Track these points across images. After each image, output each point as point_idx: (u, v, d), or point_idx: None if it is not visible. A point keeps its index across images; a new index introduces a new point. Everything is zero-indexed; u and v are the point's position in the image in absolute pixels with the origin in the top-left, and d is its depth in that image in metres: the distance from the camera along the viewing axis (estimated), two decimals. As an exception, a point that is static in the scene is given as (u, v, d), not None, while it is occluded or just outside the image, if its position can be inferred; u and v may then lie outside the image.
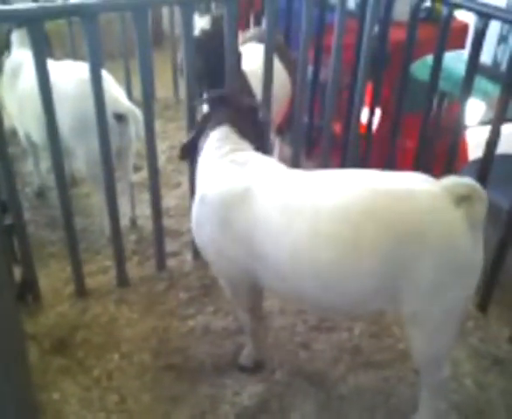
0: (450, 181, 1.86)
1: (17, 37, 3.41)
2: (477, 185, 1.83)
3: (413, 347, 2.03)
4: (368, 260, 1.83)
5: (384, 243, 1.80)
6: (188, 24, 2.61)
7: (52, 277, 3.05)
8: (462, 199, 1.80)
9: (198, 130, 2.32)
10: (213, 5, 4.02)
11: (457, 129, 2.82)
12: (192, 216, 2.25)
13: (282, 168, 2.16)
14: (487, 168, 2.65)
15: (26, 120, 3.30)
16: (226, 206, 2.05)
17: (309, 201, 1.92)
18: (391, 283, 1.86)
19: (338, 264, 1.87)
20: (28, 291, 2.84)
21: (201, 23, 2.93)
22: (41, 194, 3.80)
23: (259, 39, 3.57)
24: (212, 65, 2.84)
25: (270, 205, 1.98)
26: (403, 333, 2.72)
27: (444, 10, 2.75)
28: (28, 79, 3.07)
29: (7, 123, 3.81)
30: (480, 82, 2.86)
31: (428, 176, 1.93)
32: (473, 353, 2.64)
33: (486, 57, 2.90)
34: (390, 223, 1.80)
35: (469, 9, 2.65)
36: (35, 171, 3.80)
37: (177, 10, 4.63)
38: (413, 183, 1.87)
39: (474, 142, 3.60)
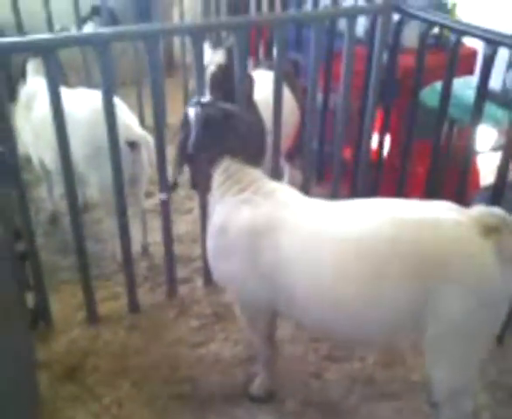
0: (478, 210, 1.84)
1: (33, 66, 3.48)
2: (507, 216, 1.79)
3: (434, 378, 1.99)
4: (393, 292, 1.81)
5: (409, 274, 1.79)
6: (199, 53, 2.65)
7: (64, 303, 3.06)
8: (491, 230, 1.76)
9: (194, 171, 2.25)
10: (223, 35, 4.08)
11: (467, 156, 2.81)
12: (209, 248, 2.23)
13: (305, 198, 2.15)
14: (499, 194, 2.63)
15: (40, 147, 3.34)
16: (252, 236, 2.03)
17: (334, 232, 1.92)
18: (417, 313, 1.83)
19: (363, 295, 1.85)
20: (40, 317, 2.85)
21: (216, 57, 2.98)
22: (54, 220, 3.83)
23: (268, 66, 3.62)
24: (230, 98, 2.88)
25: (295, 236, 1.97)
26: (417, 363, 2.69)
27: (452, 37, 2.77)
28: (42, 107, 3.13)
29: (21, 150, 3.88)
30: (490, 108, 2.86)
31: (455, 205, 1.90)
32: (490, 385, 2.59)
33: (495, 83, 2.89)
34: (414, 254, 1.79)
35: (477, 36, 2.67)
36: (48, 197, 3.84)
37: (188, 40, 4.73)
38: (439, 212, 1.84)
39: (486, 169, 3.59)
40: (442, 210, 1.86)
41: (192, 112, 2.15)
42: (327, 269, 1.89)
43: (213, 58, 2.99)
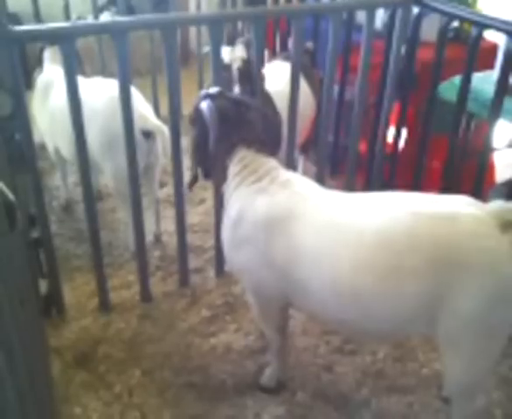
0: (497, 205, 1.82)
1: (49, 55, 3.50)
2: None
3: (448, 373, 1.97)
4: (409, 285, 1.80)
5: (425, 268, 1.77)
6: (216, 45, 2.64)
7: (77, 290, 3.09)
8: (509, 225, 1.74)
9: (210, 163, 2.23)
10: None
11: (484, 151, 2.78)
12: (225, 237, 2.23)
13: (321, 189, 2.14)
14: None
15: (56, 135, 3.36)
16: (268, 226, 2.02)
17: (351, 225, 1.91)
18: (432, 307, 1.81)
19: (379, 288, 1.84)
20: (53, 304, 2.87)
21: (237, 53, 2.97)
22: (68, 207, 3.85)
23: (285, 57, 3.60)
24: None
25: (311, 227, 1.96)
26: (428, 358, 2.67)
27: (473, 31, 2.72)
28: (59, 96, 3.14)
29: (37, 138, 3.91)
30: (509, 103, 2.82)
31: (473, 200, 1.88)
32: (503, 381, 2.56)
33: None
34: (431, 248, 1.77)
35: (499, 29, 2.63)
36: (63, 185, 3.86)
37: (204, 30, 4.71)
38: (457, 207, 1.82)
39: (502, 164, 3.55)
40: (460, 205, 1.84)
41: (204, 105, 2.13)
42: (343, 260, 1.88)
43: (234, 53, 2.98)
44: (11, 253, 1.65)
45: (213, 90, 2.22)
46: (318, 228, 1.96)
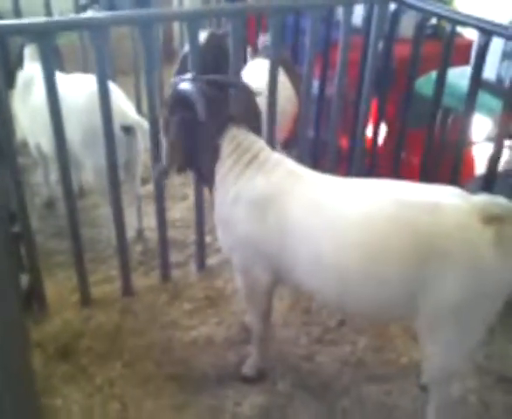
0: (482, 198, 1.85)
1: (30, 51, 3.49)
2: (510, 206, 1.80)
3: (427, 359, 2.02)
4: (391, 269, 1.85)
5: (406, 255, 1.82)
6: (194, 40, 2.66)
7: (59, 285, 3.09)
8: (492, 218, 1.77)
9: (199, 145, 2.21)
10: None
11: (461, 145, 2.83)
12: (220, 216, 2.25)
13: (309, 170, 2.19)
14: (490, 183, 2.65)
15: (37, 132, 3.36)
16: (266, 202, 2.07)
17: (338, 207, 1.97)
18: (414, 292, 1.85)
19: (362, 271, 1.90)
20: (34, 298, 2.87)
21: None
22: (50, 204, 3.85)
23: (267, 55, 3.63)
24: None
25: (302, 204, 2.03)
26: (406, 348, 2.71)
27: (447, 27, 2.78)
28: (39, 92, 3.14)
29: (19, 135, 3.89)
30: (485, 98, 2.88)
31: (459, 190, 1.91)
32: (478, 369, 2.62)
33: (490, 73, 2.91)
34: (413, 236, 1.81)
35: (471, 25, 2.69)
36: (44, 182, 3.86)
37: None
38: (441, 197, 1.86)
39: (481, 158, 3.60)
40: (445, 195, 1.88)
41: (185, 87, 2.12)
42: (329, 237, 1.94)
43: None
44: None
45: (188, 75, 2.25)
46: (308, 205, 2.02)
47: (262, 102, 3.08)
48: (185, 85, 2.13)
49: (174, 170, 2.24)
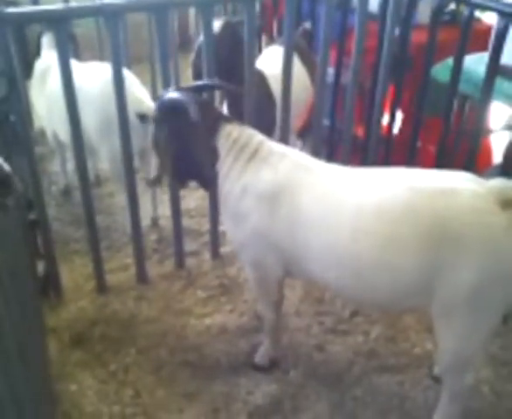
0: (497, 183, 1.83)
1: (47, 40, 3.53)
2: None
3: (441, 346, 2.00)
4: (406, 256, 1.83)
5: (422, 241, 1.80)
6: (207, 26, 2.65)
7: (75, 272, 3.14)
8: (508, 203, 1.75)
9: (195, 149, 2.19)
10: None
11: (476, 133, 2.78)
12: (227, 212, 2.25)
13: (319, 161, 2.17)
14: (507, 173, 2.60)
15: (54, 120, 3.39)
16: (274, 196, 2.07)
17: (351, 197, 1.95)
18: (429, 279, 1.84)
19: (376, 259, 1.89)
20: (50, 285, 2.92)
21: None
22: (67, 193, 3.90)
23: (282, 42, 3.59)
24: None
25: (313, 194, 2.02)
26: (419, 338, 2.70)
27: (465, 11, 2.72)
28: (56, 81, 3.15)
29: (36, 124, 3.93)
30: (503, 84, 2.81)
31: (474, 176, 1.89)
32: (492, 360, 2.59)
33: (509, 58, 2.84)
34: (428, 222, 1.79)
35: (491, 8, 2.63)
36: (61, 170, 3.90)
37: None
38: (456, 182, 1.84)
39: (499, 147, 3.54)
40: (460, 180, 1.85)
41: (174, 97, 2.13)
42: (343, 227, 1.93)
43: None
44: (4, 226, 1.69)
45: (172, 88, 2.30)
46: (320, 195, 2.01)
47: (277, 90, 3.06)
48: (172, 95, 2.15)
49: (165, 178, 2.26)
